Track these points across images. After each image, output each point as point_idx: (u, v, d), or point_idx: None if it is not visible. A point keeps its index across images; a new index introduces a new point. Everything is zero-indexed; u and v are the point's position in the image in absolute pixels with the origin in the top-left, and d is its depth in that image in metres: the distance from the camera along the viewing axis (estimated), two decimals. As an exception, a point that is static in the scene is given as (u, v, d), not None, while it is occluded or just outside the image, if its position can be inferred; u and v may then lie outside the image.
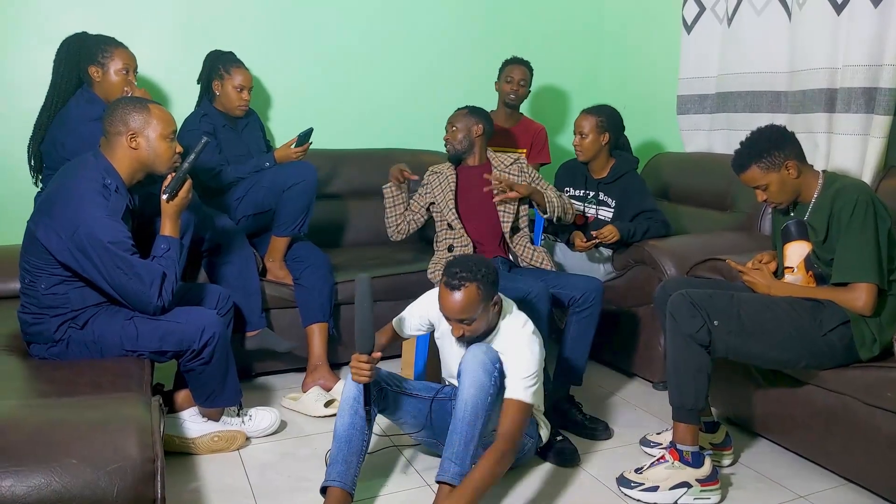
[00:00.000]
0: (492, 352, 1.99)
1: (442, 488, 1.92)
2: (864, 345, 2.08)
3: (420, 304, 2.28)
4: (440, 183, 2.91)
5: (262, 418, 2.47)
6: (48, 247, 2.08)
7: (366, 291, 1.91)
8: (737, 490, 2.21)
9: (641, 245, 2.92)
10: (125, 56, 2.69)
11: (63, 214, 2.07)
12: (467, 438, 1.92)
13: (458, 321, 2.01)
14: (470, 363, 1.97)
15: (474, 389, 1.93)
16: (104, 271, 2.07)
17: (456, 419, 1.94)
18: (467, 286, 1.96)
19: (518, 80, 3.54)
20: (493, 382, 1.95)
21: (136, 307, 2.16)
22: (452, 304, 1.98)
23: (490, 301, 2.02)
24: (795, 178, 2.18)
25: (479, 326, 2.03)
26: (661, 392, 2.91)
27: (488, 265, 2.03)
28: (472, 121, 2.89)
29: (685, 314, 2.11)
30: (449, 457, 1.92)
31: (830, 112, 2.87)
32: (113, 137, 2.17)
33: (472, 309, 1.98)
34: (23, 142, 2.76)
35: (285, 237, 2.94)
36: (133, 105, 2.19)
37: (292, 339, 2.92)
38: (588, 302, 2.57)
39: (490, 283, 2.00)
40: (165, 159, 2.22)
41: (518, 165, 2.91)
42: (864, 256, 2.05)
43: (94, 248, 2.05)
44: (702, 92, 3.58)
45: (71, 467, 1.39)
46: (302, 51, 3.65)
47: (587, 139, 3.03)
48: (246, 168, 2.96)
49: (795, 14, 3.00)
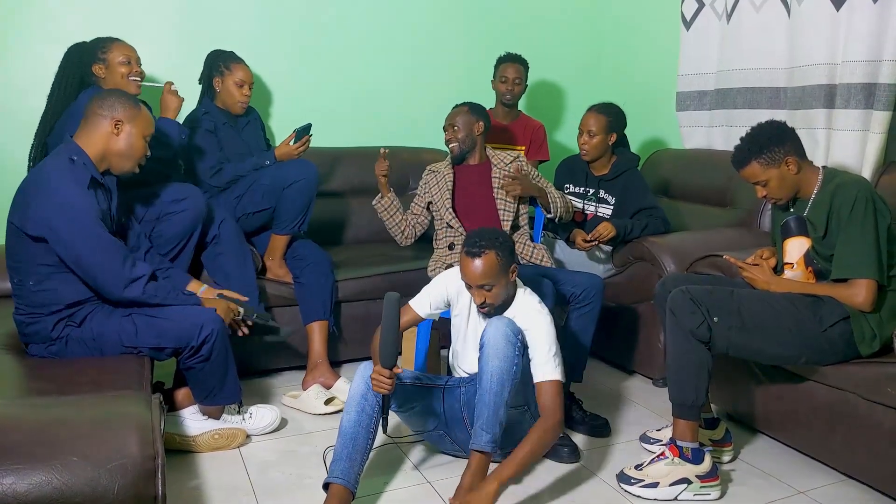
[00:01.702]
0: (513, 324, 2.05)
1: (474, 456, 1.98)
2: (864, 340, 2.08)
3: (436, 283, 2.31)
4: (437, 182, 2.91)
5: (263, 416, 2.48)
6: (23, 227, 2.09)
7: (393, 309, 1.94)
8: (737, 486, 2.21)
9: (641, 242, 2.92)
10: (124, 48, 2.73)
11: (34, 193, 2.10)
12: (496, 406, 1.96)
13: (479, 287, 2.06)
14: (493, 335, 2.01)
15: (498, 360, 1.98)
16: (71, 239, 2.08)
17: (482, 390, 1.99)
18: (487, 253, 2.04)
19: (512, 78, 3.53)
20: (516, 353, 2.00)
21: (102, 283, 2.15)
22: (473, 270, 2.05)
23: (509, 268, 2.09)
24: (795, 174, 2.17)
25: (498, 293, 2.09)
26: (661, 389, 2.91)
27: (505, 235, 2.14)
28: (472, 119, 2.88)
29: (685, 310, 2.11)
30: (480, 426, 1.97)
31: (830, 108, 2.86)
32: (97, 119, 2.19)
33: (492, 274, 2.04)
34: (24, 141, 2.76)
35: (285, 235, 2.94)
36: (127, 98, 2.26)
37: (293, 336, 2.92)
38: (588, 298, 2.58)
39: (508, 251, 2.08)
40: (135, 157, 2.25)
41: (517, 164, 2.91)
42: (863, 252, 2.05)
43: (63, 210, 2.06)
44: (701, 88, 3.57)
45: (72, 465, 1.39)
46: (301, 49, 3.65)
47: (595, 138, 3.01)
48: (246, 166, 2.96)
49: (794, 10, 3.00)
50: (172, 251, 2.58)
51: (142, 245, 2.43)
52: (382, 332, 1.95)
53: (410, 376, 2.20)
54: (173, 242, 2.58)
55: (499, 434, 1.98)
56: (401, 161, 3.79)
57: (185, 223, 2.57)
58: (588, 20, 4.31)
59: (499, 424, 1.97)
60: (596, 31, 4.33)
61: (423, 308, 2.30)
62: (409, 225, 2.97)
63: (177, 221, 2.56)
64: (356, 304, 3.08)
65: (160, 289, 2.23)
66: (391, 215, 2.96)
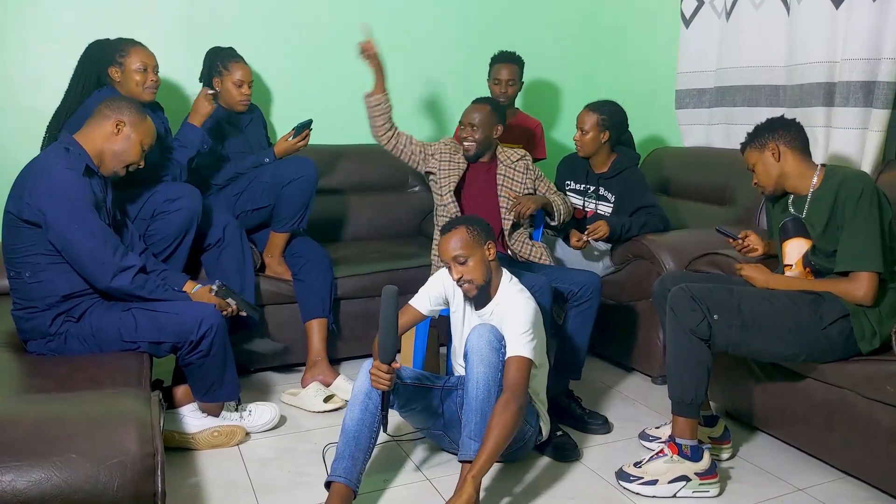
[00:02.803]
0: (496, 330, 2.06)
1: (465, 467, 1.94)
2: (863, 338, 2.09)
3: (433, 281, 2.33)
4: (449, 162, 2.85)
5: (262, 413, 2.48)
6: (19, 213, 2.10)
7: (391, 303, 1.93)
8: (735, 483, 2.21)
9: (640, 240, 2.92)
10: (142, 54, 2.68)
11: (28, 179, 2.11)
12: (483, 414, 1.97)
13: (454, 260, 2.11)
14: (476, 342, 2.02)
15: (483, 367, 1.99)
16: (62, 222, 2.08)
17: (469, 398, 1.99)
18: (457, 228, 2.13)
19: (506, 80, 3.47)
20: (500, 359, 2.01)
21: (90, 271, 2.15)
22: (445, 245, 2.13)
23: (483, 244, 2.14)
24: (777, 162, 2.22)
25: (475, 268, 2.11)
26: (660, 386, 2.91)
27: (480, 219, 2.21)
28: (493, 120, 2.80)
29: (685, 308, 2.12)
30: (468, 435, 1.97)
31: (829, 106, 2.86)
32: (100, 118, 2.22)
33: (464, 245, 2.10)
34: (20, 138, 2.75)
35: (284, 233, 2.94)
36: (136, 106, 2.29)
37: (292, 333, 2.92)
38: (586, 296, 2.58)
39: (480, 228, 2.15)
40: (126, 161, 2.26)
41: (524, 162, 2.90)
42: (868, 245, 2.06)
43: (55, 193, 2.07)
44: (700, 86, 3.57)
45: (71, 462, 1.39)
46: (301, 45, 3.65)
47: (587, 136, 3.02)
48: (245, 164, 2.96)
49: (794, 8, 3.00)
50: (166, 251, 2.57)
51: (136, 246, 2.40)
52: (381, 326, 1.94)
53: (412, 376, 2.19)
54: (167, 242, 2.56)
55: None
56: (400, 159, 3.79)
57: (179, 223, 2.55)
58: (587, 17, 4.30)
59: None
60: (595, 28, 4.33)
61: (423, 306, 2.30)
62: (396, 132, 2.88)
63: (171, 221, 2.55)
64: (355, 301, 3.08)
65: (149, 281, 2.23)
66: (377, 115, 2.87)
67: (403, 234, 3.74)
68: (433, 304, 2.31)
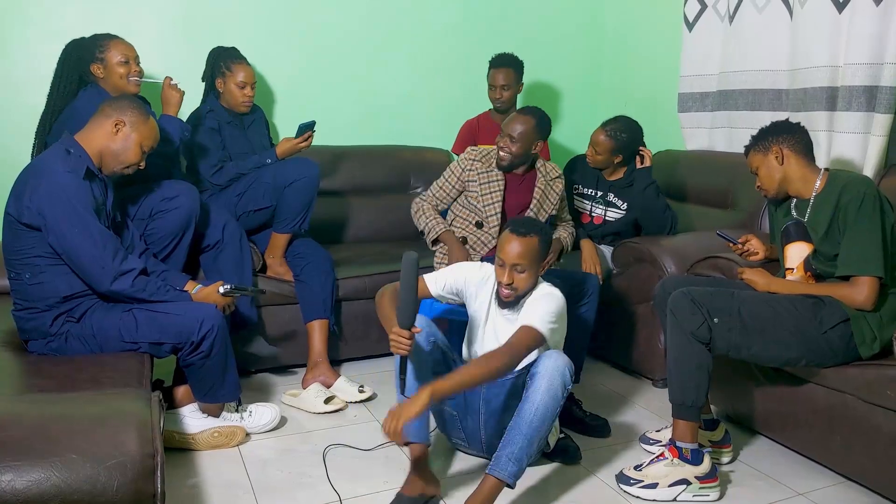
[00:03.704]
0: (571, 364, 2.00)
1: (489, 480, 1.88)
2: (864, 342, 2.08)
3: (456, 270, 2.28)
4: (486, 176, 2.81)
5: (262, 414, 2.48)
6: (18, 217, 2.10)
7: (412, 269, 1.91)
8: (736, 487, 2.21)
9: (642, 243, 2.93)
10: (122, 46, 2.68)
11: (28, 182, 2.11)
12: (531, 441, 1.90)
13: (513, 266, 2.08)
14: (552, 369, 1.95)
15: (549, 397, 1.93)
16: (62, 226, 2.08)
17: (522, 419, 1.92)
18: (531, 236, 2.08)
19: (500, 85, 3.43)
20: (565, 394, 1.97)
21: (90, 274, 2.14)
22: (514, 248, 2.07)
23: (542, 260, 2.13)
24: (780, 165, 2.21)
25: (526, 280, 2.10)
26: (661, 389, 2.91)
27: (550, 232, 2.24)
28: (536, 136, 2.76)
29: (686, 311, 2.11)
30: (507, 455, 1.89)
31: (831, 110, 2.86)
32: (102, 118, 2.22)
33: (529, 257, 2.07)
34: (21, 138, 2.76)
35: (286, 234, 2.94)
36: (139, 107, 2.28)
37: (292, 335, 2.93)
38: (585, 296, 2.58)
39: (546, 244, 2.14)
40: (125, 162, 2.25)
41: (561, 182, 2.92)
42: (869, 250, 2.06)
43: (55, 197, 2.07)
44: (703, 90, 3.57)
45: (71, 462, 1.39)
46: (304, 46, 3.65)
47: (599, 157, 3.07)
48: (247, 164, 2.96)
49: (797, 12, 3.00)
50: (165, 250, 2.56)
51: (137, 247, 2.40)
52: (401, 291, 1.91)
53: (443, 342, 2.17)
54: (166, 241, 2.55)
55: (525, 468, 1.91)
56: (402, 160, 3.80)
57: (177, 221, 2.54)
58: (590, 20, 4.30)
59: (528, 458, 1.91)
60: (598, 31, 4.32)
61: (434, 286, 2.26)
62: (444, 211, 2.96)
63: (169, 219, 2.54)
64: (356, 302, 3.07)
65: (150, 283, 2.22)
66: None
67: (405, 235, 3.73)
68: (444, 290, 2.26)
